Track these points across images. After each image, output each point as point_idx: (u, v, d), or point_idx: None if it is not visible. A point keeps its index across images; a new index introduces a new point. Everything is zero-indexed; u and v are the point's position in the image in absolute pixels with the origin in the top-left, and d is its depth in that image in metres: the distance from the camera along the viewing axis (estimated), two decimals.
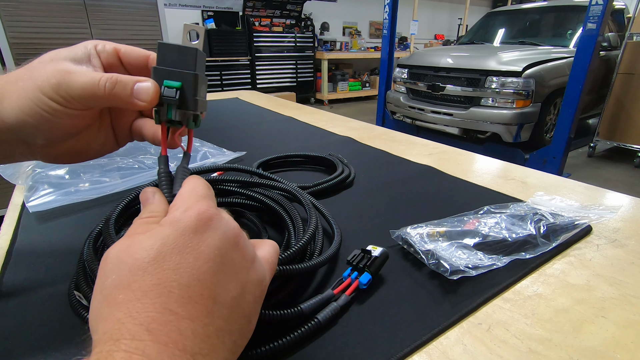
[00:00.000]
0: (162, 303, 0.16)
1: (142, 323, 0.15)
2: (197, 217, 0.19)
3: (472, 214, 0.44)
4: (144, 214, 0.22)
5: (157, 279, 0.17)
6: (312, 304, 0.29)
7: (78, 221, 0.45)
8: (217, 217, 0.20)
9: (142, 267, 0.17)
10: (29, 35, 2.25)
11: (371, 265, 0.32)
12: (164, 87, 0.25)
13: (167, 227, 0.19)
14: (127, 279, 0.17)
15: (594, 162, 3.23)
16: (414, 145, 0.79)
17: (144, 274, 0.17)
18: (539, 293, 0.33)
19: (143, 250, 0.18)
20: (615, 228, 0.44)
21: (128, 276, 0.17)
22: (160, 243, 0.18)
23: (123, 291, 0.17)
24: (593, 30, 2.18)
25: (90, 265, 0.30)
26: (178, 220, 0.19)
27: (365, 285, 0.31)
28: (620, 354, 0.26)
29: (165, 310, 0.16)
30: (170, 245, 0.18)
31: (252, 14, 4.90)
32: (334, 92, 5.82)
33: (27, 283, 0.34)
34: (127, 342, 0.14)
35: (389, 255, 0.34)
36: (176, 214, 0.20)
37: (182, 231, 0.19)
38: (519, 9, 3.90)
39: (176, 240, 0.18)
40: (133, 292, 0.16)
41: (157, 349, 0.15)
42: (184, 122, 0.26)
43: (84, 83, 0.25)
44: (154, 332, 0.15)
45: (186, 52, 0.25)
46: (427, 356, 0.26)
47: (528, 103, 2.76)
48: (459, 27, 6.99)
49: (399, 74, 3.57)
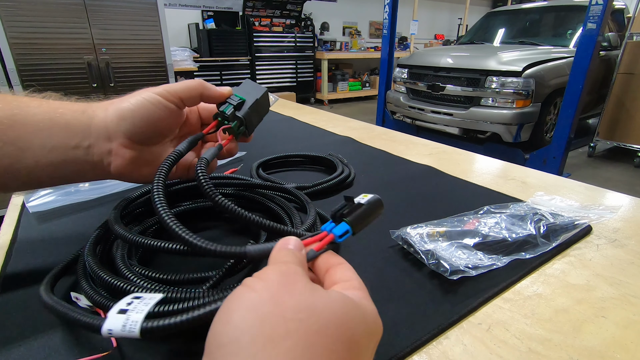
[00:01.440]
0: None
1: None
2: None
3: (472, 214, 0.44)
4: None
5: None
6: (262, 249, 0.24)
7: (78, 221, 0.45)
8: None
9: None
10: (29, 35, 2.25)
11: (350, 213, 0.25)
12: (233, 95, 0.37)
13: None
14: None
15: (594, 162, 3.23)
16: (414, 145, 0.79)
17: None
18: (539, 293, 0.33)
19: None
20: (615, 228, 0.44)
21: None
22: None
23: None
24: (593, 30, 2.18)
25: (92, 269, 0.30)
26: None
27: (340, 237, 0.25)
28: (620, 354, 0.26)
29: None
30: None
31: (252, 14, 4.90)
32: (334, 92, 5.82)
33: (27, 283, 0.34)
34: None
35: (381, 202, 0.27)
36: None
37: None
38: (519, 9, 3.90)
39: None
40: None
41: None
42: (231, 122, 0.36)
43: (184, 85, 0.35)
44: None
45: (258, 88, 0.38)
46: (427, 356, 0.26)
47: (528, 103, 2.76)
48: (459, 27, 6.98)
49: (399, 74, 3.57)
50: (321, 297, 0.16)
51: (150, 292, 0.28)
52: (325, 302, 0.16)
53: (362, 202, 0.26)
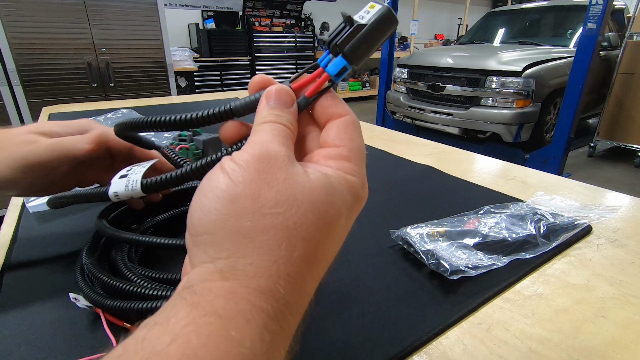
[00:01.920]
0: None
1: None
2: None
3: (472, 214, 0.44)
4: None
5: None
6: (247, 102, 0.20)
7: (78, 221, 0.45)
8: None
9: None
10: (29, 35, 2.25)
11: (346, 42, 0.19)
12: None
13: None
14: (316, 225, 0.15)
15: (594, 162, 3.23)
16: (414, 145, 0.79)
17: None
18: (539, 293, 0.33)
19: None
20: (615, 228, 0.44)
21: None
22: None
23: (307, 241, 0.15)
24: (593, 30, 2.18)
25: (90, 270, 0.30)
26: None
27: (337, 77, 0.19)
28: (620, 354, 0.26)
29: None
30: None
31: (252, 14, 4.90)
32: None
33: (27, 283, 0.34)
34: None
35: (390, 15, 0.19)
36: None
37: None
38: (519, 9, 3.89)
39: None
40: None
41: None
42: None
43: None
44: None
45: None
46: (427, 356, 0.26)
47: (528, 103, 2.76)
48: (459, 27, 6.98)
49: (399, 73, 3.57)
50: (301, 187, 0.15)
51: (151, 283, 0.28)
52: (306, 192, 0.15)
53: (362, 21, 0.19)
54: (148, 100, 1.33)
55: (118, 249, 0.34)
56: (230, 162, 0.16)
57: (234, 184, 0.15)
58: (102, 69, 2.54)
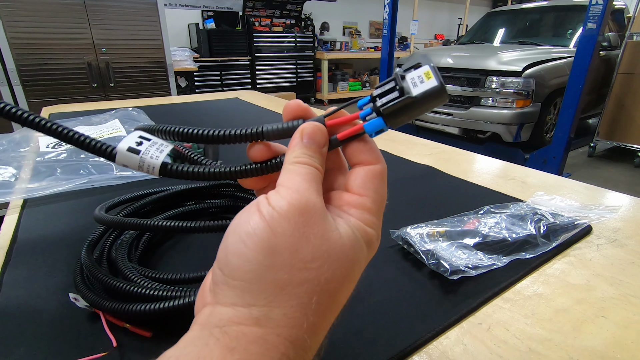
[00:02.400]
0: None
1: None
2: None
3: (472, 214, 0.44)
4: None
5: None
6: (279, 128, 0.20)
7: (78, 221, 0.45)
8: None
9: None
10: (29, 35, 2.25)
11: (389, 106, 0.19)
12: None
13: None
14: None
15: (594, 162, 3.23)
16: (414, 145, 0.79)
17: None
18: (539, 293, 0.33)
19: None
20: (615, 228, 0.44)
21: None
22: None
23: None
24: (593, 30, 2.18)
25: (90, 270, 0.30)
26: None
27: (372, 133, 0.20)
28: (620, 354, 0.26)
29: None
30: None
31: (252, 14, 4.89)
32: (334, 92, 5.81)
33: (27, 283, 0.34)
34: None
35: (442, 92, 0.18)
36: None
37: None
38: (519, 9, 3.89)
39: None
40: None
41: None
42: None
43: None
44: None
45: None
46: (427, 356, 0.26)
47: (528, 103, 2.76)
48: (459, 27, 6.98)
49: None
50: (334, 245, 0.16)
51: (151, 283, 0.28)
52: (338, 250, 0.16)
53: (413, 93, 0.18)
54: (148, 100, 1.33)
55: (118, 249, 0.34)
56: (269, 207, 0.16)
57: (274, 235, 0.15)
58: (102, 69, 2.54)
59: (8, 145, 0.65)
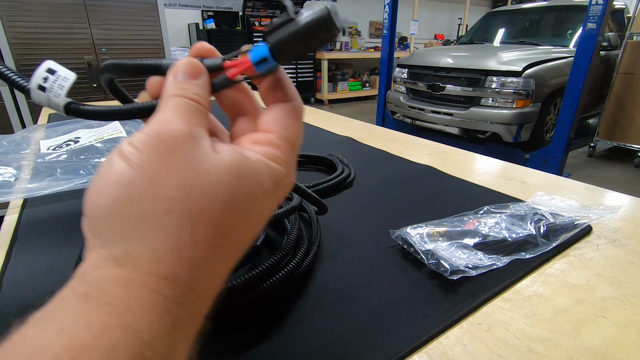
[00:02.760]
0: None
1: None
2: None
3: (472, 214, 0.44)
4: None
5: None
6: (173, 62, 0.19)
7: (78, 221, 0.45)
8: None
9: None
10: (29, 35, 2.25)
11: (272, 32, 0.17)
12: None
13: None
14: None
15: (594, 162, 3.23)
16: (414, 145, 0.79)
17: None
18: (539, 293, 0.33)
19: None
20: (615, 228, 0.44)
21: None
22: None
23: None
24: (593, 30, 2.18)
25: None
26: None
27: (259, 67, 0.18)
28: (620, 354, 0.26)
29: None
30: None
31: (252, 14, 4.90)
32: (334, 92, 5.81)
33: (27, 283, 0.34)
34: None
35: (328, 18, 0.16)
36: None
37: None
38: (519, 9, 3.89)
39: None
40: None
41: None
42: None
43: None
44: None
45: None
46: (427, 356, 0.26)
47: (528, 103, 2.76)
48: (459, 27, 6.98)
49: (399, 74, 3.57)
50: (206, 171, 0.14)
51: None
52: (212, 177, 0.15)
53: (298, 17, 0.17)
54: None
55: None
56: (128, 145, 0.15)
57: (131, 167, 0.14)
58: None
59: (9, 146, 0.65)
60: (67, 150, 0.61)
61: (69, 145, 0.65)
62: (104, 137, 0.68)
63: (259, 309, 0.30)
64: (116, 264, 0.13)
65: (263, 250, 0.38)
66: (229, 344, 0.27)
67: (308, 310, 0.30)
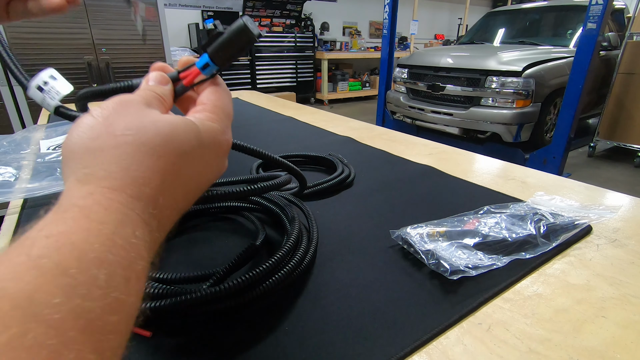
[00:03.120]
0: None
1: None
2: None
3: (472, 214, 0.44)
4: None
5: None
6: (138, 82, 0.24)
7: None
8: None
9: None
10: (29, 35, 2.25)
11: (209, 44, 0.23)
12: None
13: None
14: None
15: (594, 162, 3.23)
16: (414, 145, 0.79)
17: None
18: (539, 293, 0.33)
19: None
20: (615, 228, 0.44)
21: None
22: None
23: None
24: (593, 30, 2.18)
25: None
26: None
27: (204, 69, 0.23)
28: (620, 354, 0.26)
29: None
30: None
31: (252, 14, 4.90)
32: (334, 92, 5.81)
33: None
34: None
35: (243, 28, 0.23)
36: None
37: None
38: (519, 9, 3.89)
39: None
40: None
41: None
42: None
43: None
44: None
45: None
46: (427, 356, 0.26)
47: (528, 103, 2.75)
48: (459, 27, 6.98)
49: (399, 74, 3.57)
50: (150, 119, 0.19)
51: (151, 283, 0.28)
52: (153, 123, 0.19)
53: (223, 30, 0.23)
54: None
55: None
56: (95, 108, 0.20)
57: (94, 118, 0.19)
58: (102, 69, 2.54)
59: (9, 146, 0.65)
60: None
61: None
62: None
63: (259, 309, 0.30)
64: (80, 183, 0.17)
65: (263, 250, 0.38)
66: (229, 344, 0.27)
67: (308, 310, 0.30)
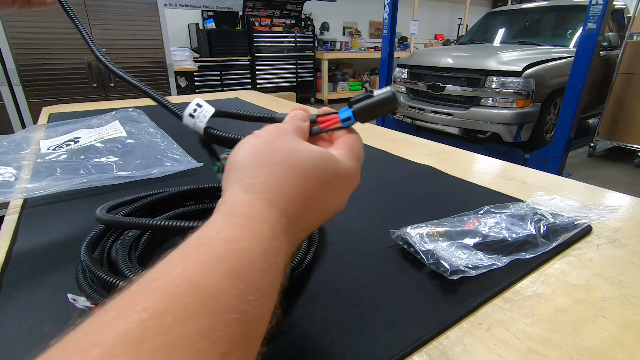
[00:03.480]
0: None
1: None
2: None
3: (472, 214, 0.44)
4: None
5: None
6: (284, 115, 0.28)
7: (78, 221, 0.45)
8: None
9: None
10: (29, 35, 2.24)
11: (357, 102, 0.27)
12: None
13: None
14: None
15: (594, 162, 3.23)
16: (414, 145, 0.79)
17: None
18: (539, 293, 0.33)
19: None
20: (615, 228, 0.44)
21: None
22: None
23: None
24: (593, 30, 2.18)
25: (89, 268, 0.30)
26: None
27: (344, 121, 0.27)
28: (620, 354, 0.26)
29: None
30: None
31: (252, 14, 4.89)
32: (334, 92, 5.81)
33: (27, 283, 0.34)
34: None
35: (393, 98, 0.26)
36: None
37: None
38: (519, 9, 3.89)
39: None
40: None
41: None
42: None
43: None
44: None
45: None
46: (427, 356, 0.26)
47: (528, 103, 2.75)
48: (459, 27, 6.98)
49: (399, 73, 3.57)
50: (303, 147, 0.23)
51: None
52: (305, 150, 0.22)
53: (373, 94, 0.27)
54: (148, 101, 1.33)
55: (119, 249, 0.34)
56: (258, 130, 0.24)
57: (257, 137, 0.23)
58: (102, 69, 2.54)
59: (9, 146, 0.65)
60: (67, 150, 0.61)
61: (69, 145, 0.65)
62: (103, 137, 0.68)
63: None
64: (244, 190, 0.20)
65: None
66: None
67: (308, 310, 0.30)
